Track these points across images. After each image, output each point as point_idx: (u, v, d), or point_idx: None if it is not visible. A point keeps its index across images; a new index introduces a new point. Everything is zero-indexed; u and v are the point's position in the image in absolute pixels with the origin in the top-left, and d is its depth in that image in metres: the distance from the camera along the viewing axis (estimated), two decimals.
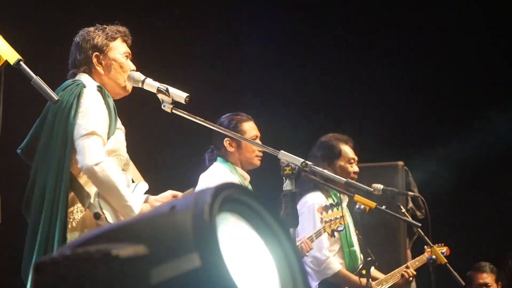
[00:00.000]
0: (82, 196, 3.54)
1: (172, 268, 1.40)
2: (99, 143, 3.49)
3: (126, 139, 3.82)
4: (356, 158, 5.53)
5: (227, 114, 4.98)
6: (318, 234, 5.05)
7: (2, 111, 2.72)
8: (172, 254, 1.41)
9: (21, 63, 2.87)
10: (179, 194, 3.80)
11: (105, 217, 3.49)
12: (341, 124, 7.14)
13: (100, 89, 3.63)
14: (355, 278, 5.25)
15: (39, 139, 3.61)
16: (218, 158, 4.90)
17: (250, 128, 4.92)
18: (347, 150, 5.52)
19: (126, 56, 3.80)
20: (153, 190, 3.84)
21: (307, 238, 4.95)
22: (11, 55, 2.86)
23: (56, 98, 2.86)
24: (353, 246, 5.36)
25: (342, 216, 4.88)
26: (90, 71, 3.76)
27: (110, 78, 3.76)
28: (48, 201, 3.49)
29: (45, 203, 3.50)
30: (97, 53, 3.74)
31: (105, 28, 3.80)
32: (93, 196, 3.54)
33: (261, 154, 4.87)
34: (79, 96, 3.56)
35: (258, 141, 4.86)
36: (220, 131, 3.58)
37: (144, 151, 4.45)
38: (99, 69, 3.75)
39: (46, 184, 3.51)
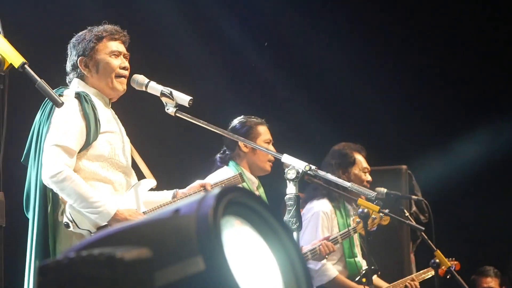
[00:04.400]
0: (58, 203, 3.57)
1: (176, 271, 1.40)
2: (58, 154, 3.49)
3: (135, 141, 3.81)
4: (369, 168, 5.55)
5: (240, 117, 4.98)
6: (345, 235, 5.02)
7: (7, 113, 2.72)
8: (176, 257, 1.41)
9: (26, 66, 2.87)
10: (207, 183, 3.86)
11: (75, 225, 3.49)
12: (345, 127, 7.14)
13: (78, 96, 3.63)
14: (353, 284, 5.23)
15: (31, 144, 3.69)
16: (230, 162, 4.90)
17: (264, 131, 4.91)
18: (360, 159, 5.54)
19: (115, 55, 3.77)
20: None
21: (331, 240, 4.93)
22: (16, 58, 2.86)
23: (61, 102, 2.87)
24: (356, 255, 5.33)
25: (382, 217, 4.90)
26: (82, 75, 3.78)
27: (99, 79, 3.76)
28: (37, 205, 3.57)
29: (36, 206, 3.57)
30: (82, 57, 3.75)
31: (92, 29, 3.80)
32: (65, 204, 3.56)
33: (273, 159, 4.84)
34: (52, 107, 3.59)
35: (271, 145, 4.86)
36: (229, 136, 3.54)
37: (152, 152, 4.43)
38: (86, 72, 3.76)
39: (36, 188, 3.58)
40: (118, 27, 3.82)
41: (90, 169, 3.61)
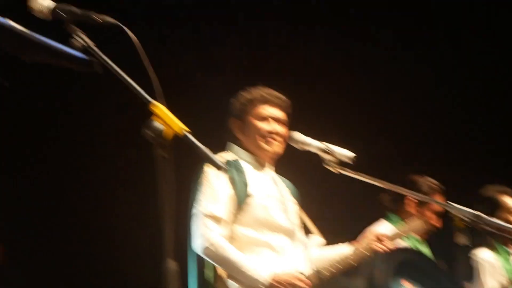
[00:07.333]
0: (215, 271, 3.66)
1: None
2: (208, 224, 3.57)
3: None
4: None
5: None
6: None
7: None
8: None
9: (188, 134, 3.10)
10: (383, 235, 3.67)
11: None
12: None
13: (226, 162, 3.68)
14: None
15: None
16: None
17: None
18: (508, 201, 5.05)
19: (264, 118, 3.78)
20: None
21: None
22: (178, 127, 3.05)
23: (222, 166, 3.05)
24: None
25: None
26: (234, 137, 3.88)
27: (248, 142, 3.83)
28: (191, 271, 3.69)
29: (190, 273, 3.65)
30: (234, 118, 3.85)
31: (250, 92, 3.86)
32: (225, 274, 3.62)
33: None
34: (200, 173, 3.67)
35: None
36: (399, 191, 3.41)
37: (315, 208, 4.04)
38: (238, 134, 3.86)
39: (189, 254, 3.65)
40: (273, 91, 3.86)
41: (245, 235, 3.65)
